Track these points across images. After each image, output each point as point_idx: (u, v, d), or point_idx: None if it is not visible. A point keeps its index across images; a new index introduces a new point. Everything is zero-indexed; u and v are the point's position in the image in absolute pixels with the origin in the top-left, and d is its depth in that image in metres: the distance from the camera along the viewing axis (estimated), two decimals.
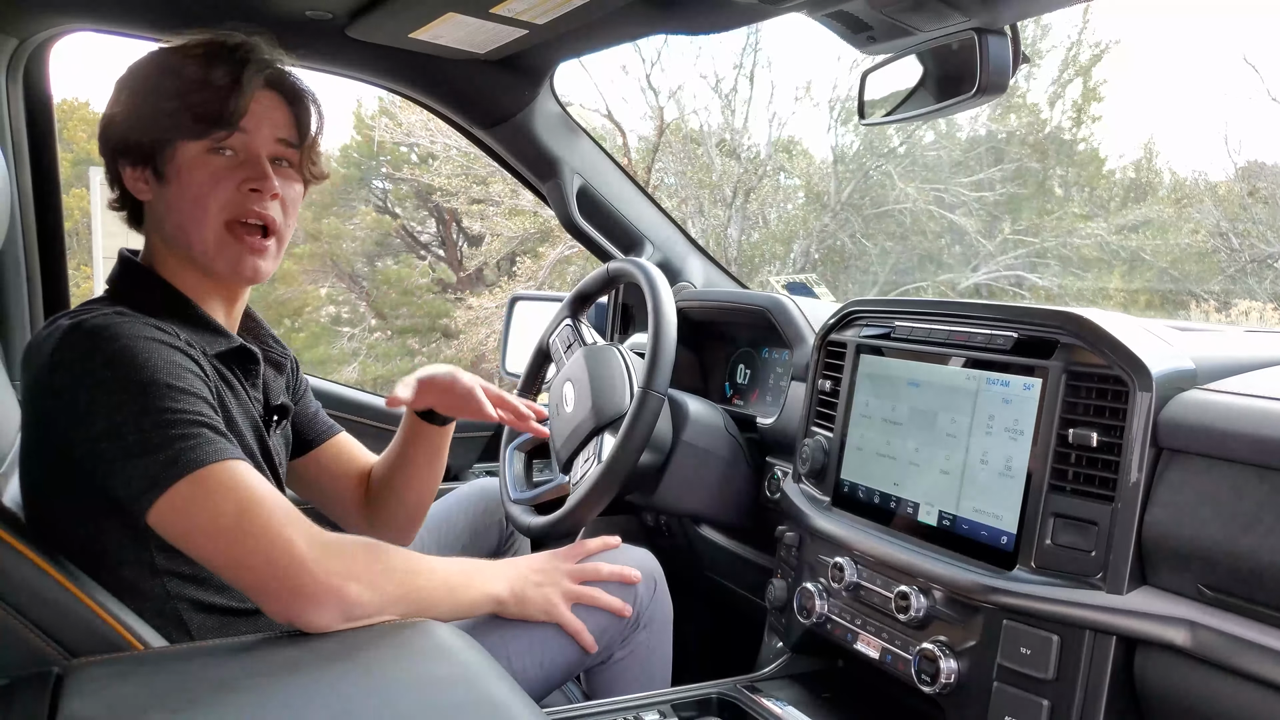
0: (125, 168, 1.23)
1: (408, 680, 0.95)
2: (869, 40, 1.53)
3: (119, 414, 1.04)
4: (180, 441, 1.04)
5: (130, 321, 1.11)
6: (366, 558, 1.10)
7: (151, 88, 1.21)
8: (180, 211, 1.22)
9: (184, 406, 1.06)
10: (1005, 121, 11.95)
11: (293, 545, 1.04)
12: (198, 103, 1.19)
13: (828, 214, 11.87)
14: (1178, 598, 1.05)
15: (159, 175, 1.22)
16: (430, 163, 12.60)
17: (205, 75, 1.20)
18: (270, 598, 1.04)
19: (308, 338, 13.48)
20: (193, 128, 1.19)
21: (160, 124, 1.20)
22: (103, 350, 1.07)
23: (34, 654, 0.98)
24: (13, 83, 1.82)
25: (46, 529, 1.15)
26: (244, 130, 1.22)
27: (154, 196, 1.24)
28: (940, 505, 1.34)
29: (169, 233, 1.24)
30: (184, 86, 1.20)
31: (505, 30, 1.73)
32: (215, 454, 1.05)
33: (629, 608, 1.43)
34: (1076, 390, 1.17)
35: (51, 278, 1.95)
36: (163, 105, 1.19)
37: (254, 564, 1.04)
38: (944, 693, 1.25)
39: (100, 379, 1.06)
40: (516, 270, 12.25)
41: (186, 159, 1.21)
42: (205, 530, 1.04)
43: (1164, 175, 12.80)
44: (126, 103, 1.21)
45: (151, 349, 1.08)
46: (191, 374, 1.11)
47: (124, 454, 1.04)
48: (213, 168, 1.21)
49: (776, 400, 2.00)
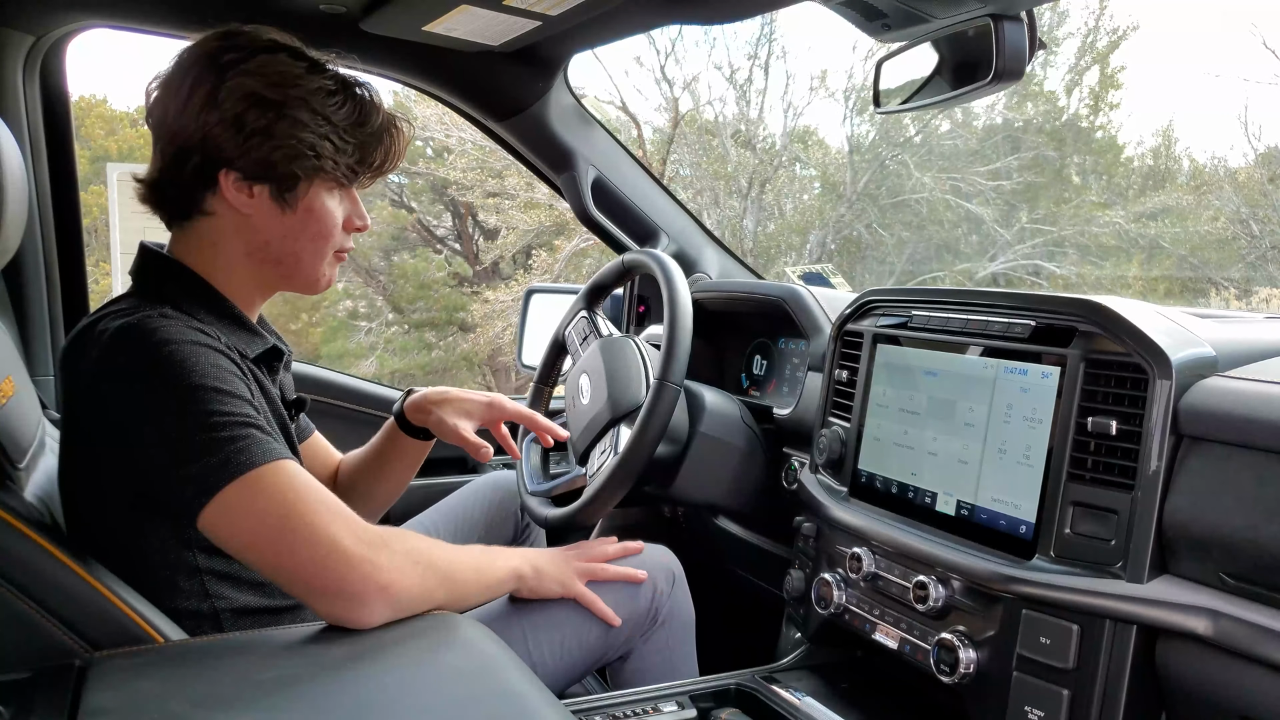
0: (230, 176, 1.20)
1: (428, 672, 0.95)
2: (884, 28, 1.52)
3: (167, 419, 1.05)
4: (229, 445, 1.05)
5: (175, 324, 1.11)
6: (407, 550, 1.10)
7: (302, 118, 1.19)
8: (300, 240, 1.25)
9: (231, 409, 1.07)
10: (1022, 110, 11.87)
11: (339, 544, 1.04)
12: (355, 148, 1.24)
13: (844, 204, 11.83)
14: (1199, 586, 1.04)
15: (280, 199, 1.22)
16: (445, 157, 12.60)
17: (361, 119, 1.24)
18: (320, 598, 1.05)
19: (325, 332, 13.52)
20: (347, 175, 1.25)
21: (308, 161, 1.20)
22: (150, 354, 1.07)
23: (56, 647, 0.99)
24: (30, 80, 1.82)
25: (83, 525, 1.16)
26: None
27: (261, 214, 1.23)
28: (958, 495, 1.33)
29: (275, 252, 1.25)
30: (343, 125, 1.22)
31: (519, 22, 1.73)
32: (263, 455, 1.06)
33: (642, 573, 1.45)
34: (1095, 378, 1.16)
35: (70, 275, 1.96)
36: (319, 145, 1.20)
37: (302, 566, 1.04)
38: (963, 683, 1.24)
39: (148, 383, 1.06)
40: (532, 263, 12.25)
41: (320, 195, 1.24)
42: (255, 532, 1.05)
43: (1183, 162, 12.70)
44: (260, 119, 1.18)
45: (199, 354, 1.09)
46: (235, 377, 1.12)
47: (173, 460, 1.04)
48: (335, 204, 1.27)
49: (793, 391, 2.00)
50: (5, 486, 1.09)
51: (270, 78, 1.19)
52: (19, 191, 1.06)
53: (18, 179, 1.05)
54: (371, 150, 1.26)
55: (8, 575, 0.98)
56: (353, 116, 1.23)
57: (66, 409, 1.17)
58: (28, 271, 1.88)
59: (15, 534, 1.01)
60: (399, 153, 1.30)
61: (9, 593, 0.98)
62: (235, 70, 1.18)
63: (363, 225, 1.31)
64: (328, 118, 1.21)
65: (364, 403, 2.27)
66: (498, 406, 1.62)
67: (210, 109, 1.17)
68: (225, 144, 1.18)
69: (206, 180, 1.21)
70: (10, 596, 0.98)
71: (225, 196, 1.21)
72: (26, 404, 1.25)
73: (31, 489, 1.16)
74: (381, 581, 1.05)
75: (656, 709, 1.39)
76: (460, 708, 0.89)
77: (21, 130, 1.81)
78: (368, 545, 1.06)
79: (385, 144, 1.28)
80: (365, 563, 1.04)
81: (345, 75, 1.25)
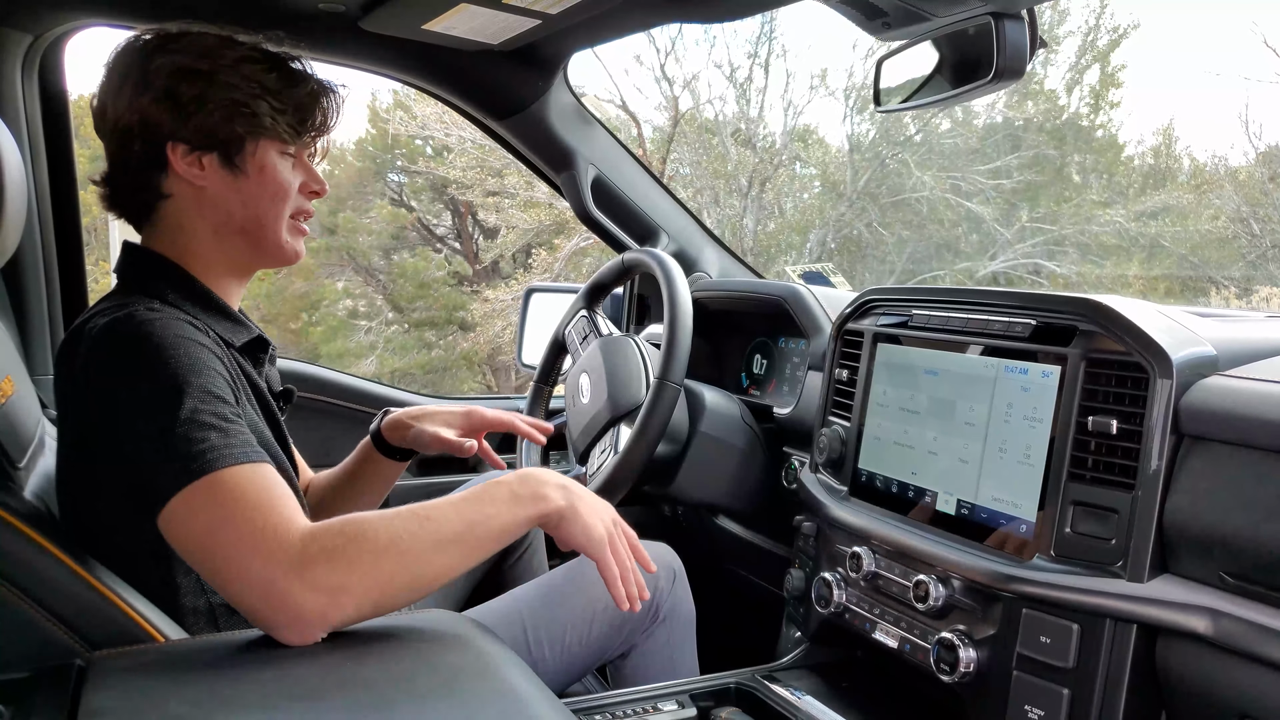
0: (177, 150, 1.21)
1: (427, 670, 0.95)
2: (884, 26, 1.52)
3: (142, 416, 1.04)
4: (194, 445, 1.01)
5: (162, 317, 1.10)
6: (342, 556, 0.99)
7: (233, 81, 1.21)
8: (259, 204, 1.27)
9: (198, 408, 1.04)
10: (1022, 108, 11.86)
11: (263, 575, 0.96)
12: (293, 109, 1.26)
13: (844, 203, 11.82)
14: (1199, 586, 1.04)
15: (230, 165, 1.24)
16: (445, 156, 12.60)
17: (292, 82, 1.26)
18: (258, 621, 0.98)
19: (325, 331, 13.51)
20: (289, 132, 1.26)
21: (248, 120, 1.22)
22: (133, 348, 1.06)
23: (56, 646, 0.98)
24: (28, 79, 1.82)
25: (81, 524, 1.16)
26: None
27: (216, 184, 1.24)
28: (959, 494, 1.33)
29: (238, 221, 1.26)
30: (275, 88, 1.24)
31: (518, 20, 1.73)
32: (214, 461, 1.01)
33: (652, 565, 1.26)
34: (1096, 377, 1.16)
35: (69, 274, 1.96)
36: (254, 103, 1.22)
37: (235, 594, 0.98)
38: (963, 682, 1.24)
39: (129, 377, 1.06)
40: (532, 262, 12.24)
41: (269, 156, 1.26)
42: (194, 550, 1.00)
43: (1183, 161, 12.70)
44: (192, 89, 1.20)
45: (188, 349, 1.08)
46: (216, 372, 1.10)
47: (143, 457, 1.03)
48: (287, 167, 1.28)
49: (793, 390, 2.00)
50: (5, 486, 1.09)
51: (195, 50, 1.21)
52: (18, 191, 1.06)
53: (17, 178, 1.05)
54: (308, 109, 1.28)
55: (7, 575, 0.98)
56: (283, 81, 1.25)
57: (61, 407, 1.17)
58: (27, 271, 1.87)
59: (15, 533, 1.01)
60: (337, 110, 1.32)
61: (9, 592, 0.97)
62: (161, 51, 1.21)
63: (320, 189, 1.32)
64: (259, 81, 1.23)
65: (363, 401, 2.27)
66: (476, 415, 1.56)
67: (142, 90, 1.20)
68: (162, 119, 1.20)
69: (154, 160, 1.22)
70: (10, 596, 0.97)
71: (177, 171, 1.22)
72: (26, 403, 1.25)
73: (31, 488, 1.16)
74: (303, 612, 0.96)
75: (656, 708, 1.39)
76: (460, 706, 0.89)
77: (20, 129, 1.80)
78: (289, 570, 0.96)
79: (323, 104, 1.29)
80: (285, 595, 0.96)
81: (273, 50, 1.27)
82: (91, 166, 1.38)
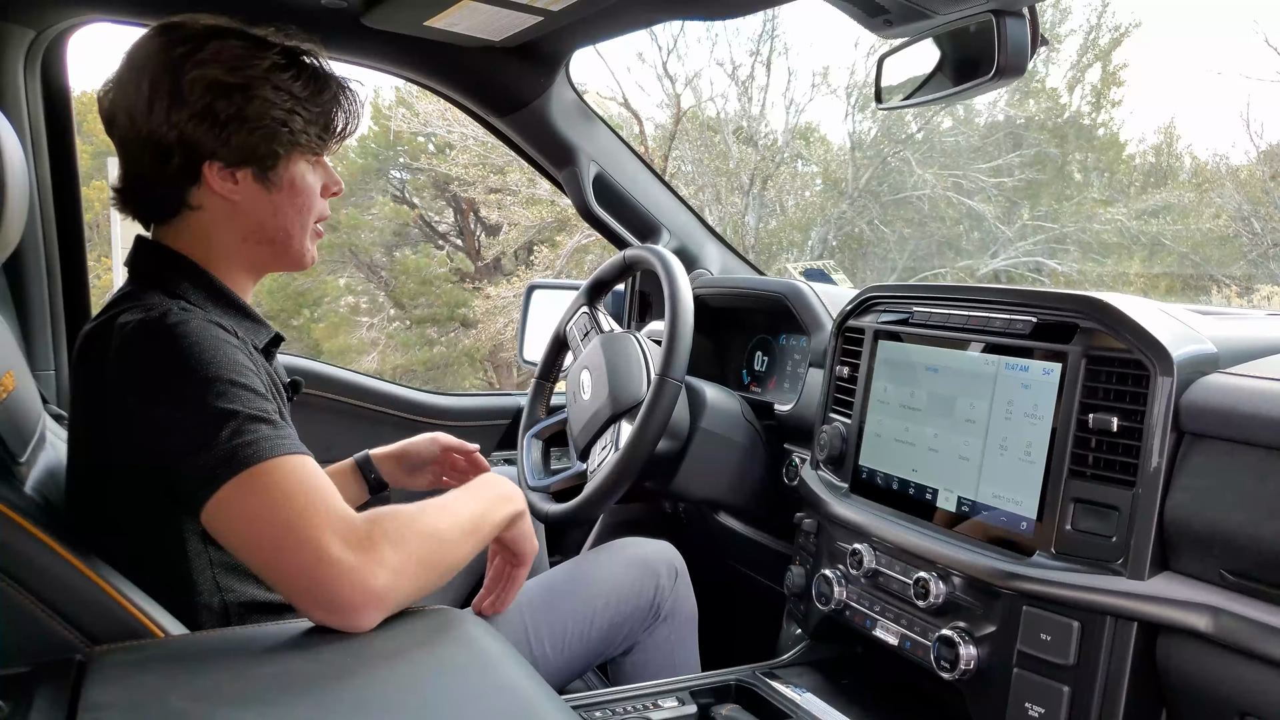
0: (213, 167, 1.21)
1: (430, 667, 0.95)
2: (886, 24, 1.51)
3: (185, 410, 1.04)
4: (237, 438, 1.03)
5: (194, 318, 1.11)
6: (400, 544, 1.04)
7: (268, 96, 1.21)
8: (288, 215, 1.27)
9: (245, 403, 1.06)
10: (1024, 107, 11.86)
11: (328, 553, 0.99)
12: (320, 118, 1.26)
13: (845, 201, 11.82)
14: (1200, 583, 1.04)
15: (265, 180, 1.24)
16: (447, 152, 12.60)
17: (318, 88, 1.26)
18: (311, 606, 1.01)
19: (327, 328, 13.52)
20: (318, 143, 1.27)
21: (285, 137, 1.22)
22: (173, 348, 1.07)
23: (56, 641, 0.98)
24: (31, 75, 1.82)
25: (93, 523, 1.15)
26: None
27: (249, 198, 1.24)
28: (959, 491, 1.33)
29: (268, 232, 1.26)
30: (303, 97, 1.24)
31: (520, 17, 1.73)
32: (269, 450, 1.03)
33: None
34: (1096, 375, 1.16)
35: (71, 269, 1.95)
36: (290, 119, 1.22)
37: (291, 575, 1.00)
38: (964, 679, 1.24)
39: (171, 377, 1.06)
40: (534, 259, 12.25)
41: (298, 168, 1.26)
42: (247, 534, 1.02)
43: (1185, 160, 12.71)
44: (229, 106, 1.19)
45: (219, 348, 1.09)
46: (250, 371, 1.11)
47: (186, 450, 1.03)
48: (314, 176, 1.29)
49: (794, 387, 2.00)
50: (6, 481, 1.09)
51: (227, 63, 1.19)
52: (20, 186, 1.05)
53: (19, 174, 1.05)
54: (333, 115, 1.28)
55: (8, 569, 0.98)
56: (310, 86, 1.25)
57: (83, 405, 1.17)
58: (29, 267, 1.87)
59: (15, 528, 1.01)
60: (359, 113, 1.33)
61: (9, 587, 0.97)
62: (190, 61, 1.18)
63: (338, 189, 1.34)
64: (290, 92, 1.22)
65: (365, 398, 2.27)
66: (440, 441, 1.66)
67: (178, 106, 1.17)
68: (203, 138, 1.19)
69: (189, 175, 1.21)
70: (10, 591, 0.97)
71: (211, 187, 1.21)
72: (27, 398, 1.25)
73: (32, 483, 1.16)
74: (374, 590, 1.00)
75: (657, 705, 1.39)
76: (461, 703, 0.89)
77: (23, 125, 1.80)
78: (358, 549, 1.00)
79: (345, 107, 1.30)
80: (355, 571, 0.99)
81: (289, 45, 1.26)
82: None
